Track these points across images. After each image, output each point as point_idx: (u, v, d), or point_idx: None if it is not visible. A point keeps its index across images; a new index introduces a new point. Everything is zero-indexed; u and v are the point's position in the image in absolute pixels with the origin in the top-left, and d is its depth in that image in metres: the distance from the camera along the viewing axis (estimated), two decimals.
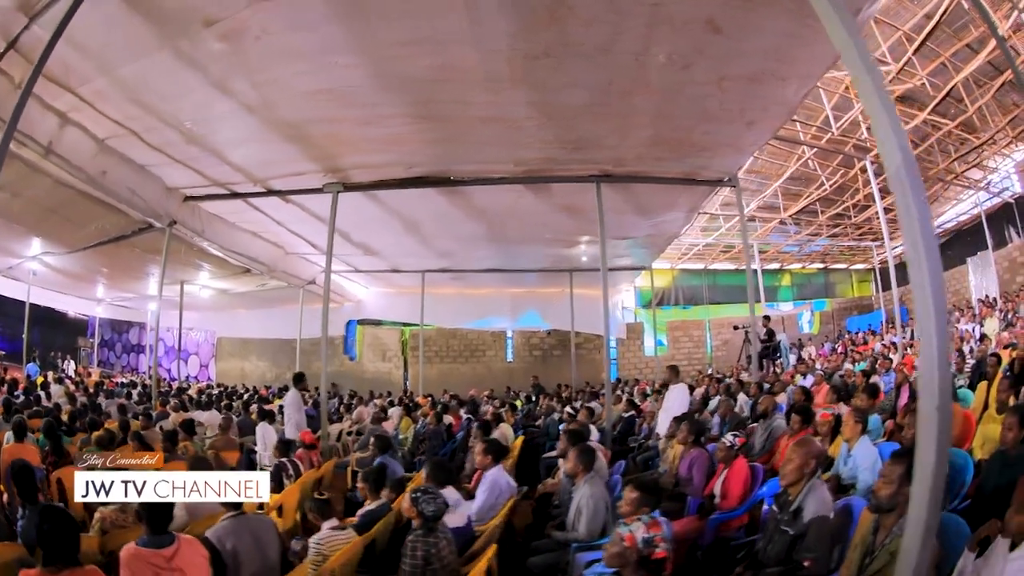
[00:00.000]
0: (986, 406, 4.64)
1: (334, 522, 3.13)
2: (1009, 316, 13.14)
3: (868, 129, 11.84)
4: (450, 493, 3.47)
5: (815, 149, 12.18)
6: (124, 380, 11.99)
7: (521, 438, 6.76)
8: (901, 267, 19.98)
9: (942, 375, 1.78)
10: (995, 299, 15.13)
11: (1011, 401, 4.41)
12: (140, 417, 6.65)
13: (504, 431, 6.56)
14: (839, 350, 15.49)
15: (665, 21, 4.03)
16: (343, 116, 5.19)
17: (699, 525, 3.44)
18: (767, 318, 11.21)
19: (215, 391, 11.26)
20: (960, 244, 17.49)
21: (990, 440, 3.58)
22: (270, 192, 7.45)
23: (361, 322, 15.63)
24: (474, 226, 8.37)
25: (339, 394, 13.84)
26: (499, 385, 13.98)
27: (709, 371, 14.68)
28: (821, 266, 20.28)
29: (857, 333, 17.33)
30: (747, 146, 6.57)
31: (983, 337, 11.81)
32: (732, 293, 16.07)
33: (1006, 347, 8.12)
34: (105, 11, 3.99)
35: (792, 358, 15.06)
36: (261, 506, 3.34)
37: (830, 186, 13.64)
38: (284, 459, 4.79)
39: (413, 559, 2.70)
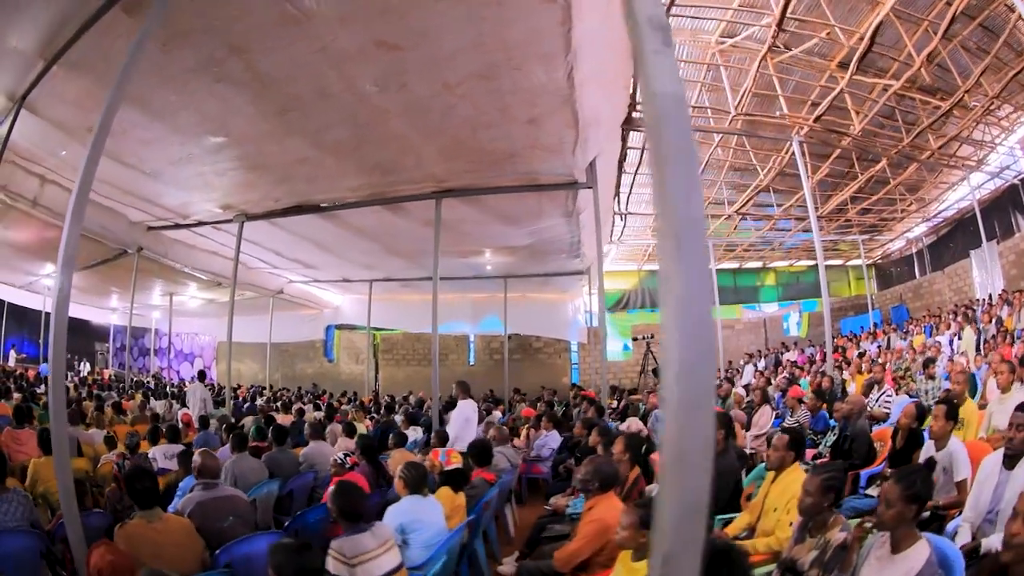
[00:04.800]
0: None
1: None
2: (983, 330, 11.64)
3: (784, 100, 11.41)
4: (173, 448, 5.76)
5: (721, 136, 12.75)
6: (133, 378, 15.86)
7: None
8: (902, 262, 20.02)
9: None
10: (982, 300, 14.44)
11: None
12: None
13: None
14: (817, 357, 15.40)
15: (342, 58, 4.95)
16: (203, 171, 7.97)
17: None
18: None
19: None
20: (963, 235, 16.90)
21: None
22: (201, 223, 10.55)
23: (339, 327, 18.76)
24: (367, 243, 10.95)
25: (318, 393, 17.04)
26: None
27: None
28: (812, 263, 20.41)
29: (853, 336, 17.10)
30: (558, 144, 6.93)
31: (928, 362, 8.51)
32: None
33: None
34: (34, 122, 7.01)
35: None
36: None
37: (764, 174, 13.95)
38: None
39: None
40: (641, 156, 12.53)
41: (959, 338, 11.86)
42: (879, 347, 14.38)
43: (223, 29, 4.92)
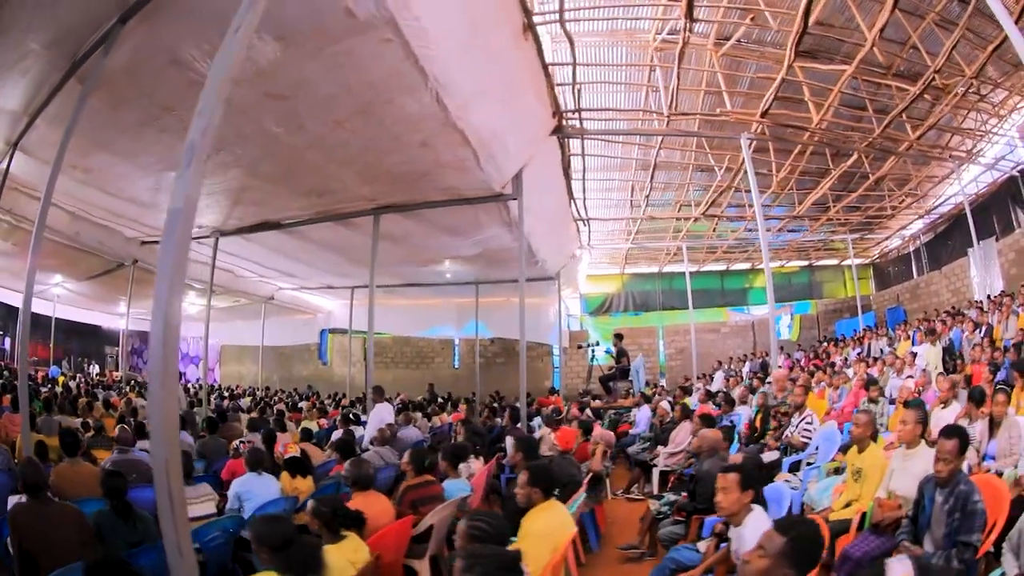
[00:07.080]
0: None
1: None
2: (960, 340, 11.40)
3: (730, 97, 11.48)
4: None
5: (662, 138, 13.13)
6: (137, 379, 18.00)
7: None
8: (899, 261, 20.22)
9: None
10: (976, 303, 14.00)
11: None
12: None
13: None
14: (802, 362, 15.87)
15: (246, 107, 6.18)
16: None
17: None
18: (619, 336, 12.72)
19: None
20: (961, 232, 16.48)
21: None
22: None
23: (331, 331, 20.50)
24: (331, 255, 12.54)
25: (312, 395, 18.84)
26: (444, 391, 17.79)
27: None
28: (804, 264, 20.83)
29: (839, 340, 17.14)
30: (459, 162, 7.66)
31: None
32: (692, 298, 18.02)
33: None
34: (29, 160, 8.82)
35: (659, 382, 15.48)
36: None
37: (723, 174, 14.32)
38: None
39: None
40: (583, 162, 13.52)
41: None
42: (859, 354, 14.40)
43: (151, 93, 6.51)
